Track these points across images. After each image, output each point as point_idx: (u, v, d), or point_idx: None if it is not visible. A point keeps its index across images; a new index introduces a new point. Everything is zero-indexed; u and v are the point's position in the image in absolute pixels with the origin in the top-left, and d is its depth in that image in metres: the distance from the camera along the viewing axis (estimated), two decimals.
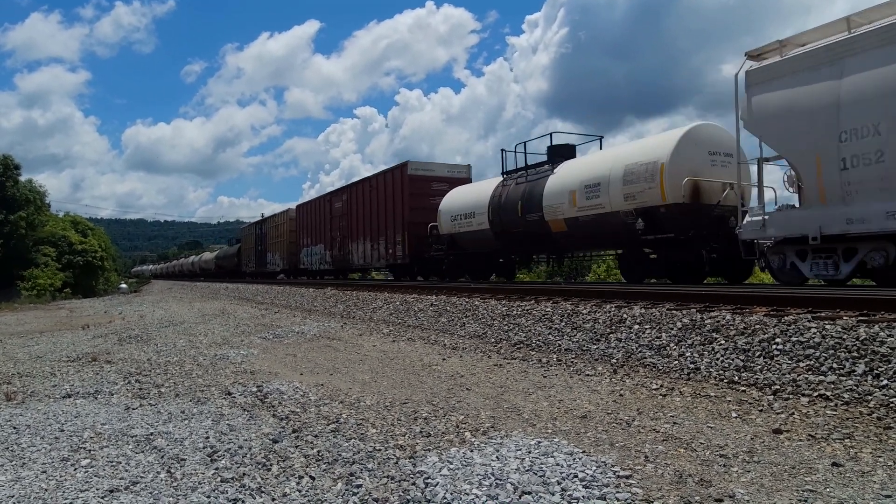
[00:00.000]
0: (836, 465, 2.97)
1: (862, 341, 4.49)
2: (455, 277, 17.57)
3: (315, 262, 27.35)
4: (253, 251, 38.21)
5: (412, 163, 19.59)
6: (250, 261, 38.88)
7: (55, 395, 5.25)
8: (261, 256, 36.38)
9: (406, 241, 19.01)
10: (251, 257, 38.62)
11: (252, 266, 38.39)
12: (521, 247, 15.42)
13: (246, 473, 3.05)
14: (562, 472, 2.90)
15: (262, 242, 36.03)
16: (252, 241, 38.84)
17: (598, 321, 6.95)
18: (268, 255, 34.81)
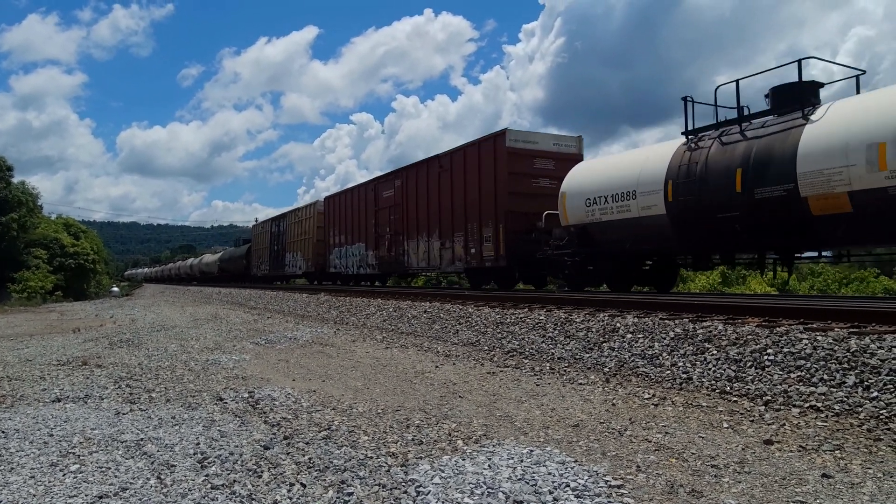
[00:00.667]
0: (827, 476, 2.98)
1: (853, 353, 4.52)
2: (581, 286, 12.43)
3: (352, 265, 22.02)
4: (267, 252, 33.29)
5: (512, 132, 13.93)
6: (263, 263, 34.22)
7: (44, 399, 5.21)
8: (277, 258, 31.33)
9: (501, 236, 13.76)
10: (264, 259, 33.90)
11: (265, 269, 33.52)
12: (725, 240, 9.77)
13: (236, 480, 3.04)
14: (554, 482, 2.90)
15: (280, 241, 30.94)
16: (266, 240, 33.70)
17: (592, 330, 6.96)
18: (286, 256, 29.66)
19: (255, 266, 36.24)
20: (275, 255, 31.81)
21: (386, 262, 19.42)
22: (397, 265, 18.79)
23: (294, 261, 28.56)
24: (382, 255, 19.59)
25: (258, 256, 35.41)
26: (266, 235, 33.82)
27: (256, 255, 36.00)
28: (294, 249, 28.62)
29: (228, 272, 44.12)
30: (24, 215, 34.77)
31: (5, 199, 32.92)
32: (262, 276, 34.82)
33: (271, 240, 32.46)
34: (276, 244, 31.72)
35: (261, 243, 35.31)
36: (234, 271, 42.17)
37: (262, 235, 35.10)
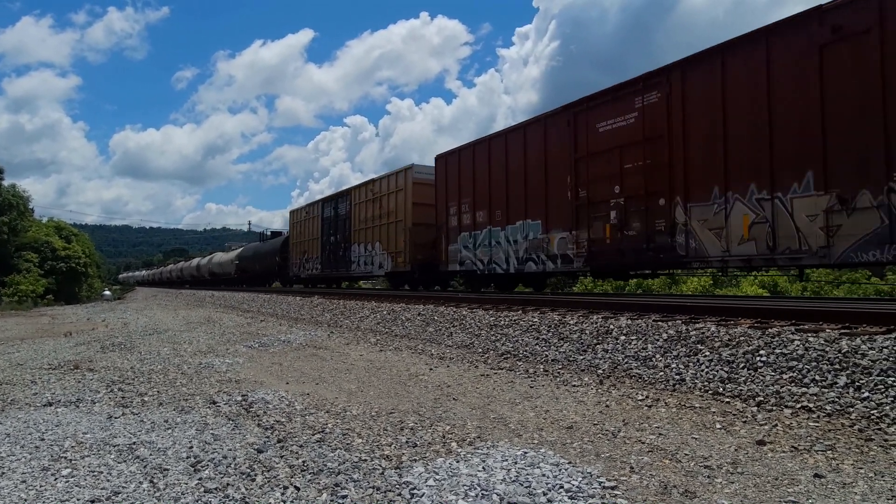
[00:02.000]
0: (819, 476, 3.00)
1: (844, 354, 4.55)
2: None
3: (506, 258, 13.15)
4: (316, 245, 24.41)
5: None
6: (310, 260, 25.11)
7: (36, 403, 5.17)
8: (336, 252, 22.33)
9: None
10: (312, 254, 24.93)
11: (314, 267, 24.61)
12: None
13: (230, 484, 3.02)
14: (548, 483, 2.90)
15: (341, 229, 21.97)
16: (313, 228, 24.78)
17: (585, 332, 6.98)
18: (353, 249, 20.75)
19: (296, 264, 27.00)
20: (331, 249, 22.84)
21: (620, 251, 10.31)
22: (664, 251, 9.51)
23: (369, 256, 19.59)
24: (600, 237, 10.72)
25: (301, 251, 26.43)
26: (313, 223, 25.00)
27: (298, 250, 26.87)
28: (367, 240, 19.71)
29: (250, 273, 35.56)
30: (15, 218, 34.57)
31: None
32: (309, 278, 25.97)
33: (324, 228, 23.62)
34: (332, 233, 22.86)
35: (305, 233, 26.05)
36: (259, 272, 33.63)
37: (305, 223, 25.99)
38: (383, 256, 18.52)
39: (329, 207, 23.36)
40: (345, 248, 21.53)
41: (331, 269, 22.89)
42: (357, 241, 20.51)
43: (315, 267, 24.44)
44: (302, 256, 26.19)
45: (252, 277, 35.60)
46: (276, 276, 31.66)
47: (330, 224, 23.08)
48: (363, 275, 21.27)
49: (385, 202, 18.62)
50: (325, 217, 23.68)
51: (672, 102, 9.38)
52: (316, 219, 24.63)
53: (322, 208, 24.09)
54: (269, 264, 31.48)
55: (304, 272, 25.78)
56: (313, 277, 25.53)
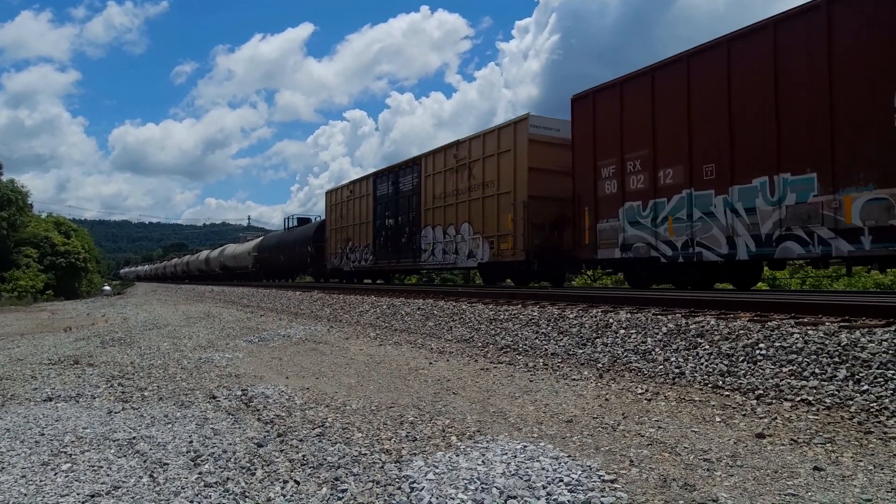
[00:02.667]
0: (818, 469, 3.00)
1: (843, 347, 4.55)
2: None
3: (738, 235, 8.83)
4: (366, 230, 19.93)
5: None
6: (356, 249, 20.78)
7: (36, 398, 5.17)
8: (397, 238, 18.15)
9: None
10: (360, 242, 20.53)
11: (364, 258, 20.11)
12: None
13: (230, 478, 3.03)
14: (547, 477, 2.90)
15: (406, 209, 17.69)
16: (362, 209, 20.38)
17: (585, 326, 6.98)
18: (426, 233, 16.62)
19: (335, 255, 22.61)
20: (389, 236, 18.43)
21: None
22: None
23: (449, 243, 15.32)
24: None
25: (342, 239, 21.92)
26: (360, 204, 20.45)
27: (338, 238, 22.38)
28: (447, 221, 15.45)
29: (273, 266, 30.92)
30: (14, 214, 34.54)
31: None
32: (356, 272, 21.45)
33: (378, 210, 19.13)
34: (390, 215, 18.40)
35: (349, 217, 21.53)
36: (286, 265, 29.09)
37: (350, 205, 21.44)
38: (475, 242, 14.35)
39: (386, 183, 18.64)
40: (410, 232, 17.18)
41: (388, 260, 18.43)
42: (430, 224, 16.16)
43: (364, 257, 19.93)
44: (344, 245, 21.71)
45: (274, 271, 30.81)
46: (306, 269, 27.16)
47: (387, 204, 18.52)
48: (439, 266, 16.28)
49: (478, 170, 14.08)
50: (378, 196, 19.08)
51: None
52: (365, 199, 19.83)
53: (374, 185, 19.31)
54: (299, 256, 26.55)
55: (348, 264, 21.24)
56: (360, 270, 20.74)
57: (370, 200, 20.03)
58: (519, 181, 13.04)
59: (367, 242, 20.10)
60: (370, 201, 20.03)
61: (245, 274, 36.57)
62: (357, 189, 21.28)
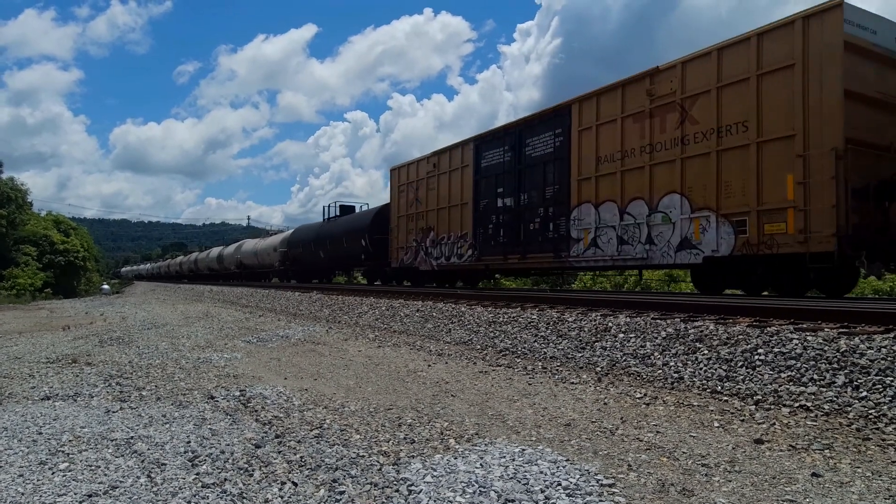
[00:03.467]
0: (816, 475, 3.00)
1: (842, 353, 4.55)
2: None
3: None
4: (462, 216, 15.17)
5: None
6: (442, 242, 15.97)
7: (33, 396, 5.16)
8: (523, 224, 13.24)
9: None
10: (450, 232, 15.63)
11: (457, 253, 15.30)
12: None
13: (227, 479, 3.02)
14: (545, 480, 2.90)
15: (542, 181, 12.76)
16: (457, 187, 15.43)
17: (584, 329, 6.98)
18: (579, 213, 11.60)
19: (407, 250, 17.49)
20: (507, 221, 13.61)
21: None
22: None
23: (635, 227, 10.46)
24: None
25: (418, 229, 16.89)
26: (453, 179, 15.46)
27: (410, 228, 17.34)
28: (635, 192, 10.54)
29: (308, 265, 26.10)
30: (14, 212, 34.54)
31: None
32: (443, 271, 16.26)
33: (482, 186, 14.40)
34: (510, 192, 13.52)
35: (430, 199, 16.50)
36: (327, 262, 24.30)
37: (431, 182, 16.45)
38: (698, 224, 9.33)
39: (498, 150, 13.65)
40: (547, 215, 12.22)
41: (502, 255, 13.32)
42: (589, 200, 11.14)
43: (456, 252, 14.95)
44: (421, 237, 16.54)
45: (310, 270, 25.97)
46: (353, 267, 22.93)
47: (499, 177, 13.53)
48: (610, 262, 10.91)
49: (705, 108, 9.30)
50: (483, 168, 14.11)
51: None
52: (459, 173, 14.90)
53: (476, 153, 14.36)
54: (347, 251, 21.42)
55: (428, 261, 16.17)
56: (451, 270, 15.76)
57: (467, 175, 14.80)
58: (818, 116, 7.91)
59: (463, 232, 14.77)
60: (467, 176, 14.80)
61: (265, 274, 32.08)
62: (444, 162, 15.76)
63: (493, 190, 14.13)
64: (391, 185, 19.03)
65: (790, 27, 8.31)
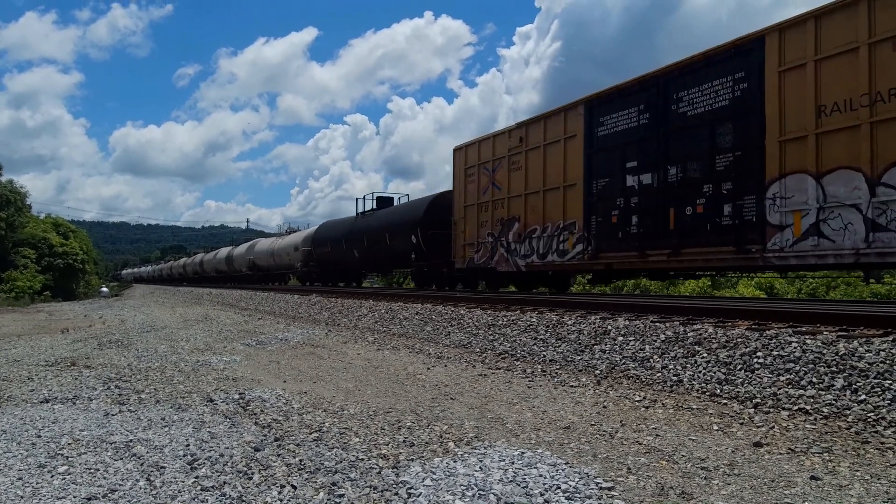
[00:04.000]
0: (815, 478, 3.00)
1: (841, 356, 4.56)
2: None
3: None
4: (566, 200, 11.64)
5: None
6: (536, 235, 12.43)
7: (32, 399, 5.16)
8: (667, 209, 9.64)
9: None
10: (552, 221, 11.95)
11: (562, 247, 11.67)
12: None
13: (227, 482, 3.02)
14: (545, 484, 2.90)
15: (702, 150, 9.10)
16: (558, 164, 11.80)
17: (583, 332, 6.98)
18: (777, 192, 8.07)
19: (479, 247, 14.25)
20: (643, 206, 10.17)
21: None
22: None
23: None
24: None
25: (495, 220, 13.76)
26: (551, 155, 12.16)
27: (484, 219, 14.19)
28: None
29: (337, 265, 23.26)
30: (13, 214, 34.54)
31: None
32: (529, 273, 13.17)
33: (600, 160, 11.03)
34: (651, 165, 10.01)
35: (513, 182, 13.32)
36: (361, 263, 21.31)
37: (515, 160, 13.23)
38: None
39: (623, 112, 10.51)
40: (722, 194, 8.94)
41: (642, 250, 10.05)
42: (799, 169, 8.00)
43: (557, 247, 11.74)
44: (499, 230, 13.45)
45: (339, 271, 23.08)
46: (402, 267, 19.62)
47: (629, 147, 10.36)
48: (851, 258, 7.45)
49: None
50: (598, 137, 10.93)
51: None
52: (561, 146, 11.70)
53: (588, 120, 11.14)
54: (391, 250, 18.17)
55: (510, 260, 13.08)
56: (546, 271, 12.70)
57: (574, 148, 11.46)
58: None
59: (568, 221, 11.58)
60: (574, 150, 11.46)
61: (282, 276, 29.23)
62: (535, 134, 12.54)
63: (618, 164, 10.58)
64: (455, 168, 15.44)
65: None
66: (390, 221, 18.74)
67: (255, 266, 32.70)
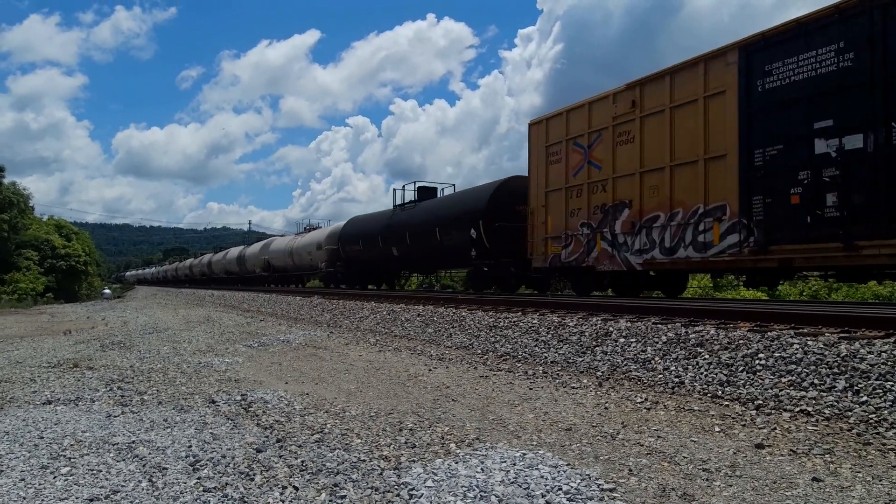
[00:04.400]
0: (817, 480, 3.00)
1: (843, 358, 4.55)
2: None
3: None
4: (711, 176, 9.14)
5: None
6: (659, 224, 9.91)
7: (35, 401, 5.17)
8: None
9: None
10: (687, 204, 9.46)
11: (704, 239, 9.19)
12: None
13: (228, 483, 3.03)
14: (546, 485, 2.90)
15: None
16: (693, 131, 9.41)
17: (585, 334, 6.98)
18: None
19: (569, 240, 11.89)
20: (846, 180, 7.52)
21: None
22: None
23: None
24: None
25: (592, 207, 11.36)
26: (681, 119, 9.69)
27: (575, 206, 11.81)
28: None
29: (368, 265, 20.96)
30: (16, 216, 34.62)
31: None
32: (640, 272, 10.76)
33: (761, 123, 8.55)
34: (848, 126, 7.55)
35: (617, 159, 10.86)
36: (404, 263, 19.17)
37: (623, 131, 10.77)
38: None
39: (805, 55, 8.13)
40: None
41: (848, 239, 7.53)
42: None
43: (695, 238, 9.47)
44: (600, 220, 11.14)
45: (372, 271, 20.87)
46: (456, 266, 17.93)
47: (816, 103, 7.94)
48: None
49: None
50: (763, 91, 8.62)
51: None
52: (699, 108, 9.45)
53: (745, 69, 8.83)
54: (443, 246, 15.83)
55: (616, 257, 10.77)
56: (675, 270, 10.50)
57: (722, 108, 9.17)
58: None
59: (713, 204, 9.25)
60: (723, 110, 9.16)
61: (300, 277, 26.97)
62: (655, 94, 10.21)
63: (800, 125, 8.16)
64: (531, 146, 13.04)
65: None
66: (441, 213, 16.26)
67: (271, 267, 30.23)
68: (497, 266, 14.44)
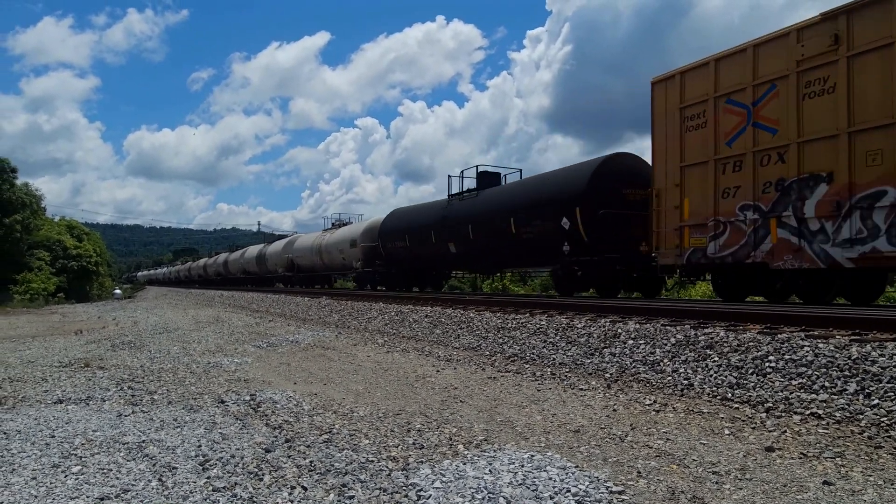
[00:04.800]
0: (828, 483, 2.98)
1: (854, 360, 4.51)
2: None
3: None
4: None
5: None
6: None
7: (46, 400, 5.22)
8: None
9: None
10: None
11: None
12: None
13: (238, 483, 3.04)
14: (554, 487, 2.90)
15: None
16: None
17: (593, 336, 6.96)
18: None
19: (727, 228, 9.14)
20: None
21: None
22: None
23: None
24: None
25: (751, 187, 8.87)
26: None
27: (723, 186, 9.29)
28: None
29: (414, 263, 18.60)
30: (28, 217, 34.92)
31: (9, 201, 33.04)
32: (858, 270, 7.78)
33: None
34: None
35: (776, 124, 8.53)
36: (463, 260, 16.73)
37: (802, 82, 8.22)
38: None
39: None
40: None
41: None
42: None
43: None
44: (774, 201, 8.65)
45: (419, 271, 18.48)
46: (540, 265, 15.37)
47: None
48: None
49: None
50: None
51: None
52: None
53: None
54: (520, 241, 13.40)
55: (803, 250, 8.25)
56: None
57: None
58: None
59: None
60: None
61: (328, 277, 24.34)
62: (873, 23, 7.68)
63: None
64: (655, 111, 10.59)
65: None
66: (518, 201, 13.61)
67: (295, 266, 27.13)
68: (599, 263, 11.80)
